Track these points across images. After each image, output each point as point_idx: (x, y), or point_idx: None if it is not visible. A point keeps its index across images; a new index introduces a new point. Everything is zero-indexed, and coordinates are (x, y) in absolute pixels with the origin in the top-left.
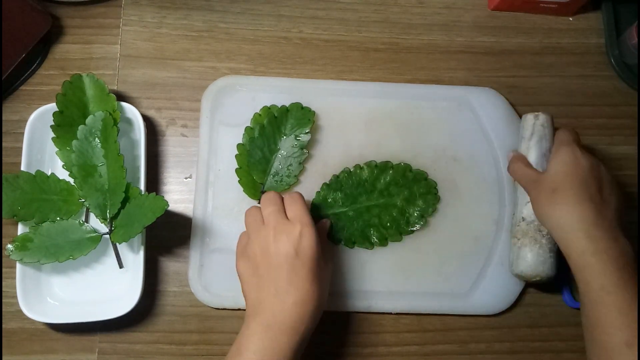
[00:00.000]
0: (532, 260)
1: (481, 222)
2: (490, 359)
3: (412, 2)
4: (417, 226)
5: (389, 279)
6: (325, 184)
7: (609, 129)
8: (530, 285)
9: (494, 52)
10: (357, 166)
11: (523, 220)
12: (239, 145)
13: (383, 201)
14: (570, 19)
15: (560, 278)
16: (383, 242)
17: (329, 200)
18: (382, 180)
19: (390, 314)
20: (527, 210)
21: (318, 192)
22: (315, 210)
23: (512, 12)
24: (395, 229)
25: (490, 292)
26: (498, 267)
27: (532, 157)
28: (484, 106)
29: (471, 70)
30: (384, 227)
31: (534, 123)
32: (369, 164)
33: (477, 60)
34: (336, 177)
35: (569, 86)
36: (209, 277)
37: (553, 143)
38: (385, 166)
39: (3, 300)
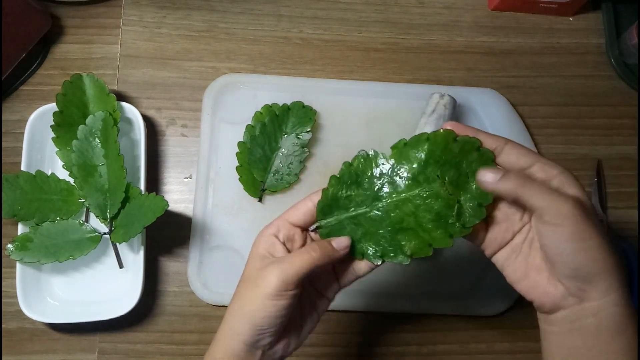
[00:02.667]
0: None
1: None
2: (490, 359)
3: (412, 2)
4: (476, 221)
5: (389, 279)
6: (334, 177)
7: (609, 129)
8: None
9: (494, 52)
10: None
11: None
12: (239, 143)
13: (418, 191)
14: (570, 19)
15: None
16: (425, 249)
17: (342, 199)
18: (414, 163)
19: (390, 313)
20: None
21: (325, 190)
22: (325, 214)
23: (512, 12)
24: (443, 229)
25: (489, 293)
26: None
27: (427, 132)
28: (484, 106)
29: (471, 70)
30: (423, 229)
31: (438, 102)
32: (395, 145)
33: (477, 60)
34: (349, 165)
35: (569, 86)
36: (208, 274)
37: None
38: (417, 140)
39: (3, 300)
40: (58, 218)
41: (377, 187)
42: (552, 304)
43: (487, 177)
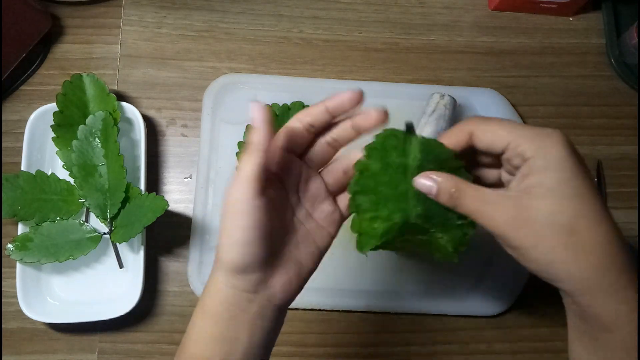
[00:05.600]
0: None
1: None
2: (490, 359)
3: (413, 2)
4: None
5: (389, 279)
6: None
7: (609, 129)
8: (530, 285)
9: (494, 52)
10: None
11: None
12: (239, 143)
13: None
14: (570, 19)
15: None
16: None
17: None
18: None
19: (390, 313)
20: None
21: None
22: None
23: (512, 12)
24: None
25: (489, 293)
26: (498, 267)
27: (427, 132)
28: (484, 106)
29: (471, 70)
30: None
31: (438, 102)
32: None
33: (477, 60)
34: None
35: (569, 86)
36: (208, 274)
37: (450, 125)
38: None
39: (3, 300)
40: (58, 218)
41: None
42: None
43: (423, 187)
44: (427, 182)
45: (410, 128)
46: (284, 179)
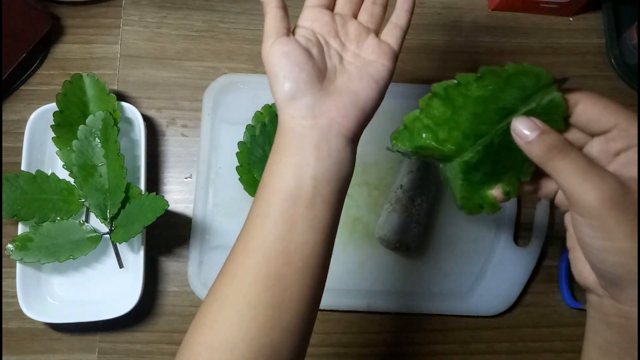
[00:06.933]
0: (397, 226)
1: (481, 222)
2: (490, 359)
3: None
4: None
5: (389, 279)
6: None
7: None
8: (530, 285)
9: (494, 52)
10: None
11: (400, 188)
12: (240, 143)
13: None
14: (570, 19)
15: (560, 278)
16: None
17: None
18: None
19: (390, 313)
20: (406, 179)
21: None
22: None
23: (512, 12)
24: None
25: (489, 293)
26: (497, 267)
27: None
28: None
29: (471, 70)
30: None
31: None
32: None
33: (477, 60)
34: (446, 90)
35: (569, 86)
36: (208, 274)
37: None
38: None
39: (3, 300)
40: (58, 218)
41: (482, 118)
42: (584, 284)
43: (519, 131)
44: (529, 125)
45: (559, 81)
46: (317, 30)
